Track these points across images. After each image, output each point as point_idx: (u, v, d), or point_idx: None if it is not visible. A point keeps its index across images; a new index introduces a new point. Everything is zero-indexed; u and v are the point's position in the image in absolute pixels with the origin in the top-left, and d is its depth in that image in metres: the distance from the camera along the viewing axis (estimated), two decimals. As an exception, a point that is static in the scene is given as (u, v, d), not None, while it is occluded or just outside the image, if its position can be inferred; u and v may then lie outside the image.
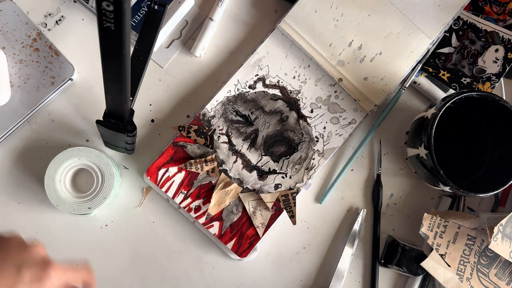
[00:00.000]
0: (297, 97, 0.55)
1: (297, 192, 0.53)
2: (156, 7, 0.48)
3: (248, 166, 0.54)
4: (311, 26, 0.54)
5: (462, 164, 0.55)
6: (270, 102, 0.55)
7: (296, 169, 0.54)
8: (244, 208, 0.53)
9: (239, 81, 0.54)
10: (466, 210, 0.57)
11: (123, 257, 0.54)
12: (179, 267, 0.54)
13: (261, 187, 0.53)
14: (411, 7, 0.54)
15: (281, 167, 0.54)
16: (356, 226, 0.55)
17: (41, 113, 0.53)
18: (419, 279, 0.55)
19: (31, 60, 0.52)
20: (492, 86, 0.56)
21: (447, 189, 0.49)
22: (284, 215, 0.53)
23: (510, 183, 0.49)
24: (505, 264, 0.53)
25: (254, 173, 0.53)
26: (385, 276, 0.56)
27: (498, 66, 0.56)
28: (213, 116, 0.54)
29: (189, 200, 0.52)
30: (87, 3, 0.54)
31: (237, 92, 0.54)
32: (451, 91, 0.57)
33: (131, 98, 0.45)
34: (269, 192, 0.53)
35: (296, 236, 0.55)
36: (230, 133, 0.54)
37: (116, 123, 0.43)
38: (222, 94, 0.54)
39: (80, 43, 0.54)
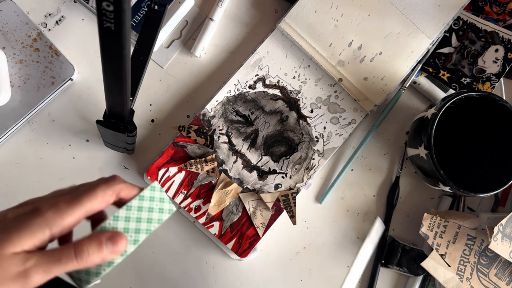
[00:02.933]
0: (297, 97, 0.55)
1: (297, 192, 0.53)
2: (156, 7, 0.48)
3: (248, 166, 0.54)
4: (311, 26, 0.54)
5: (462, 164, 0.55)
6: (270, 102, 0.55)
7: (296, 169, 0.54)
8: (244, 208, 0.53)
9: (239, 81, 0.54)
10: (466, 210, 0.57)
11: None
12: (179, 267, 0.54)
13: (261, 187, 0.53)
14: (411, 7, 0.54)
15: (281, 167, 0.54)
16: (375, 236, 0.55)
17: (41, 113, 0.53)
18: (419, 279, 0.55)
19: (31, 60, 0.52)
20: (492, 86, 0.56)
21: (447, 189, 0.49)
22: (284, 215, 0.53)
23: (510, 183, 0.49)
24: (505, 264, 0.53)
25: (254, 173, 0.53)
26: (386, 276, 0.56)
27: (498, 66, 0.56)
28: (213, 116, 0.54)
29: (189, 200, 0.52)
30: (87, 3, 0.54)
31: (237, 92, 0.54)
32: (451, 91, 0.57)
33: (131, 98, 0.45)
34: (269, 192, 0.53)
35: (296, 236, 0.55)
36: (230, 133, 0.54)
37: (116, 123, 0.43)
38: (222, 94, 0.54)
39: (80, 43, 0.54)
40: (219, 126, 0.54)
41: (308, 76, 0.55)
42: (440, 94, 0.57)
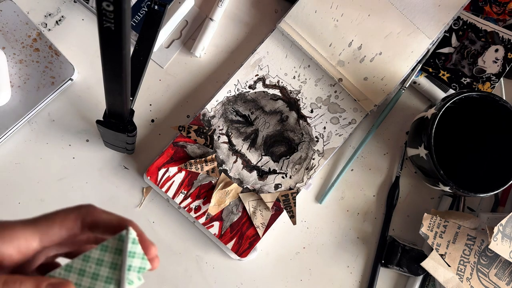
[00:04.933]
0: (297, 97, 0.55)
1: (297, 192, 0.53)
2: (156, 7, 0.48)
3: (248, 166, 0.54)
4: (311, 26, 0.54)
5: (462, 164, 0.55)
6: (270, 102, 0.55)
7: (296, 169, 0.54)
8: (244, 208, 0.53)
9: (239, 81, 0.54)
10: (466, 210, 0.57)
11: (123, 257, 0.53)
12: (179, 267, 0.54)
13: (261, 187, 0.53)
14: (411, 7, 0.54)
15: (281, 167, 0.54)
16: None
17: (41, 113, 0.53)
18: (419, 279, 0.55)
19: (31, 60, 0.52)
20: (492, 86, 0.56)
21: (447, 189, 0.49)
22: (284, 215, 0.53)
23: (510, 183, 0.49)
24: (505, 264, 0.53)
25: (254, 173, 0.53)
26: (386, 276, 0.56)
27: (498, 66, 0.56)
28: (213, 116, 0.54)
29: (189, 200, 0.52)
30: (87, 3, 0.54)
31: (237, 92, 0.54)
32: (451, 91, 0.57)
33: (131, 98, 0.45)
34: (269, 192, 0.53)
35: (296, 236, 0.55)
36: (230, 133, 0.54)
37: (116, 123, 0.43)
38: (222, 94, 0.54)
39: (80, 43, 0.54)
40: (219, 126, 0.54)
41: (308, 76, 0.55)
42: (440, 94, 0.57)
